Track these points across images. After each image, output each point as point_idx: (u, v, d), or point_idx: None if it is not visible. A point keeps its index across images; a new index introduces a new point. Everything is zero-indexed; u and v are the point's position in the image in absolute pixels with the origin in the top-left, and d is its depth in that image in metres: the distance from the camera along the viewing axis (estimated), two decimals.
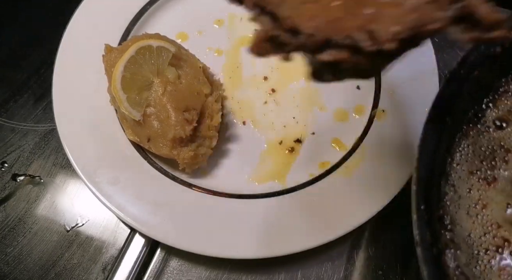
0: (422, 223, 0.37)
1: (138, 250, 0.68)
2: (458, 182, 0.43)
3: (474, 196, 0.42)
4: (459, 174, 0.43)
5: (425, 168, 0.39)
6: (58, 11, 0.88)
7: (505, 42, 0.43)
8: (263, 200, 0.68)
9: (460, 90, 0.43)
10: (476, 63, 0.43)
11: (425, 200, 0.38)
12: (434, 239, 0.37)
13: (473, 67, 0.43)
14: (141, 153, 0.71)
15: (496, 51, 0.44)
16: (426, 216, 0.37)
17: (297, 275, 0.66)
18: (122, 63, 0.67)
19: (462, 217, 0.41)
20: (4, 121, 0.80)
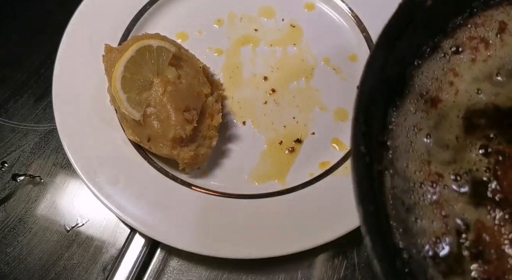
0: (359, 134, 0.36)
1: (138, 250, 0.68)
2: (404, 108, 0.42)
3: (417, 122, 0.41)
4: (407, 99, 0.42)
5: (370, 88, 0.38)
6: (58, 11, 0.88)
7: None
8: (263, 200, 0.68)
9: (413, 18, 0.41)
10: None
11: (366, 114, 0.37)
12: (370, 154, 0.36)
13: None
14: (141, 153, 0.71)
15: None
16: (364, 128, 0.36)
17: (297, 275, 0.66)
18: (122, 63, 0.67)
19: (403, 145, 0.41)
20: (4, 121, 0.80)
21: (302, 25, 0.83)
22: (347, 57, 0.82)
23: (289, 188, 0.69)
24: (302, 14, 0.85)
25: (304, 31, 0.83)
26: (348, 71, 0.80)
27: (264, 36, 0.83)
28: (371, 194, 0.36)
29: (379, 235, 0.35)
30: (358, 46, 0.82)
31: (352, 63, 0.81)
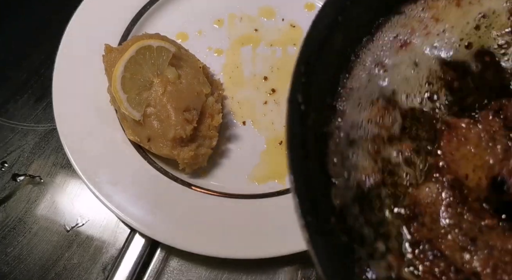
0: (298, 82, 0.34)
1: (138, 250, 0.68)
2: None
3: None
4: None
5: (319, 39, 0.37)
6: (58, 11, 0.88)
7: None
8: (263, 200, 0.68)
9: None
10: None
11: (308, 65, 0.36)
12: (308, 104, 0.34)
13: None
14: (141, 153, 0.71)
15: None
16: (305, 79, 0.34)
17: (297, 275, 0.66)
18: (122, 63, 0.67)
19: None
20: (4, 121, 0.79)
21: (302, 25, 0.83)
22: None
23: (289, 188, 0.69)
24: (302, 14, 0.84)
25: (304, 31, 0.83)
26: None
27: (264, 36, 0.83)
28: (301, 138, 0.34)
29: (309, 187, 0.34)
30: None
31: None
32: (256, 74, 0.80)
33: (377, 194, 0.36)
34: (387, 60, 0.41)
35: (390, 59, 0.41)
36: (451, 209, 0.35)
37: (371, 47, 0.41)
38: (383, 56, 0.41)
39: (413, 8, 0.43)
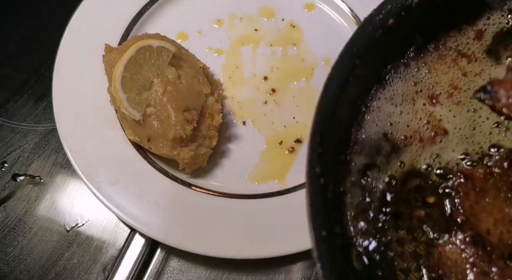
0: (314, 155, 0.35)
1: (138, 250, 0.68)
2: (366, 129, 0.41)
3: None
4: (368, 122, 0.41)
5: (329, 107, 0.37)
6: (58, 11, 0.88)
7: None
8: (263, 200, 0.68)
9: (374, 36, 0.40)
10: (392, 12, 0.40)
11: (322, 134, 0.36)
12: (326, 175, 0.35)
13: (389, 15, 0.40)
14: (141, 153, 0.71)
15: (414, 2, 0.41)
16: (321, 149, 0.36)
17: (297, 275, 0.66)
18: (122, 63, 0.67)
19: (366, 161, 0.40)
20: (4, 121, 0.80)
21: (302, 25, 0.83)
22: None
23: (289, 188, 0.69)
24: (302, 14, 0.85)
25: (304, 31, 0.83)
26: None
27: (264, 36, 0.83)
28: (325, 219, 0.35)
29: (333, 262, 0.34)
30: None
31: None
32: (256, 74, 0.80)
33: (401, 253, 0.36)
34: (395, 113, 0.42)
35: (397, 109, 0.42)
36: (476, 269, 0.34)
37: (381, 96, 0.42)
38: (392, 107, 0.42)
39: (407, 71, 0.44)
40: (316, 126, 0.36)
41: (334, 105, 0.37)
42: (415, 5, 0.41)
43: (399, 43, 0.43)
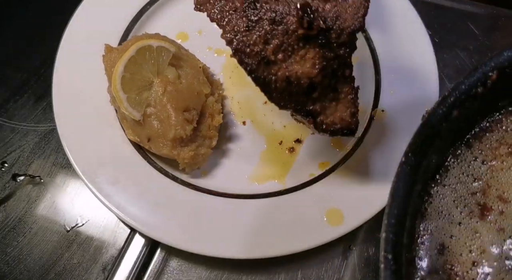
0: (388, 273, 0.37)
1: (138, 250, 0.68)
2: (433, 223, 0.42)
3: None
4: (435, 215, 0.43)
5: (398, 211, 0.38)
6: (58, 11, 0.88)
7: (488, 81, 0.42)
8: (263, 200, 0.68)
9: (438, 131, 0.41)
10: (456, 103, 0.42)
11: (394, 247, 0.38)
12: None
13: (453, 107, 0.42)
14: (141, 153, 0.71)
15: (478, 91, 0.42)
16: (394, 266, 0.37)
17: (297, 275, 0.66)
18: (122, 63, 0.67)
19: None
20: (4, 121, 0.80)
21: None
22: None
23: (289, 188, 0.69)
24: None
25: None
26: None
27: None
28: None
29: None
30: (358, 46, 0.82)
31: (352, 63, 0.81)
32: None
33: None
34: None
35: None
36: None
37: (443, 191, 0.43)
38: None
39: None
40: (387, 242, 0.38)
41: (403, 211, 0.39)
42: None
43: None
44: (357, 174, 0.69)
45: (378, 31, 0.81)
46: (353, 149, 0.72)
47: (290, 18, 0.52)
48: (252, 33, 0.53)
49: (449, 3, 0.90)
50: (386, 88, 0.76)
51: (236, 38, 0.54)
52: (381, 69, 0.78)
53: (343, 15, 0.53)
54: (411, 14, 0.81)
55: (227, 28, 0.55)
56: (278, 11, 0.52)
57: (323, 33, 0.52)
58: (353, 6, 0.53)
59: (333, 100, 0.55)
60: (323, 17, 0.53)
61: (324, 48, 0.52)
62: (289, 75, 0.53)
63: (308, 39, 0.53)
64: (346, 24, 0.53)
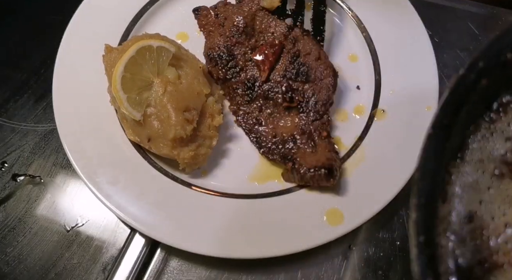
0: (422, 260, 0.34)
1: (138, 250, 0.68)
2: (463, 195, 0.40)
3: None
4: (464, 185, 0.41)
5: (426, 188, 0.37)
6: (58, 11, 0.88)
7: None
8: (263, 200, 0.68)
9: (467, 99, 0.39)
10: (485, 70, 0.39)
11: (425, 229, 0.36)
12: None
13: (482, 75, 0.39)
14: (141, 153, 0.71)
15: (507, 57, 0.40)
16: (428, 250, 0.34)
17: (297, 275, 0.66)
18: (122, 63, 0.67)
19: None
20: (4, 121, 0.80)
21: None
22: (347, 57, 0.82)
23: (289, 188, 0.69)
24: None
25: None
26: (348, 71, 0.80)
27: None
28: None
29: None
30: (358, 46, 0.82)
31: (352, 63, 0.81)
32: None
33: None
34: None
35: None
36: None
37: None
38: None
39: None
40: (418, 221, 0.35)
41: (430, 187, 0.37)
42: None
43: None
44: (357, 174, 0.69)
45: (378, 31, 0.82)
46: (353, 149, 0.72)
47: (277, 95, 0.74)
48: (250, 105, 0.75)
49: (449, 3, 0.90)
50: (386, 88, 0.76)
51: (240, 109, 0.76)
52: (381, 69, 0.78)
53: (318, 92, 0.73)
54: (411, 14, 0.81)
55: (233, 102, 0.76)
56: (270, 90, 0.74)
57: (302, 104, 0.73)
58: (325, 87, 0.73)
59: (312, 152, 0.70)
60: (302, 93, 0.73)
61: (302, 114, 0.73)
62: (276, 133, 0.73)
63: (291, 109, 0.74)
64: (320, 98, 0.73)
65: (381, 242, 0.68)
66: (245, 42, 0.76)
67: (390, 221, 0.70)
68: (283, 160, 0.70)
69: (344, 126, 0.76)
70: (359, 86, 0.79)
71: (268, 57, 0.74)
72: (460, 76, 0.39)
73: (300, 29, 0.76)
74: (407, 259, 0.68)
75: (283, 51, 0.75)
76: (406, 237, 0.69)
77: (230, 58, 0.75)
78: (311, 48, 0.74)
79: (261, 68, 0.74)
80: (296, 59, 0.74)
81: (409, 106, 0.74)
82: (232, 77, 0.75)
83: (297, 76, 0.73)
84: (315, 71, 0.73)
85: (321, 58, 0.74)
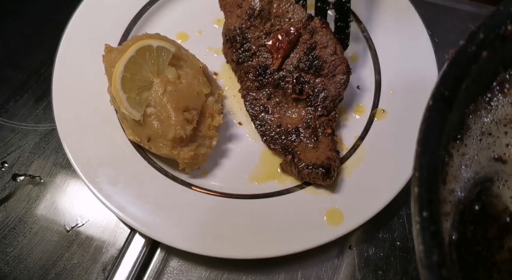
0: (428, 236, 0.32)
1: (138, 250, 0.68)
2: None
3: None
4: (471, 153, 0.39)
5: (428, 164, 0.34)
6: (57, 11, 0.88)
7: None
8: (263, 200, 0.68)
9: (468, 72, 0.37)
10: (485, 43, 0.38)
11: (429, 203, 0.33)
12: (442, 258, 0.31)
13: (482, 47, 0.38)
14: (141, 153, 0.71)
15: (508, 29, 0.38)
16: (433, 227, 0.32)
17: (297, 275, 0.66)
18: (122, 63, 0.67)
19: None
20: (4, 121, 0.80)
21: None
22: (347, 57, 0.82)
23: (289, 188, 0.69)
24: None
25: None
26: None
27: None
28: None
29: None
30: (358, 46, 0.82)
31: (352, 62, 0.81)
32: None
33: None
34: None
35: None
36: None
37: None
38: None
39: None
40: (421, 197, 0.34)
41: (433, 163, 0.35)
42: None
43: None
44: (357, 174, 0.69)
45: (378, 31, 0.82)
46: (353, 149, 0.72)
47: (288, 85, 0.73)
48: (259, 91, 0.75)
49: (449, 3, 0.90)
50: (386, 88, 0.76)
51: (249, 94, 0.76)
52: (381, 69, 0.78)
53: (329, 88, 0.72)
54: (411, 14, 0.81)
55: (243, 86, 0.76)
56: (280, 79, 0.73)
57: (311, 98, 0.72)
58: (337, 83, 0.72)
59: (314, 148, 0.70)
60: (312, 87, 0.72)
61: (310, 107, 0.73)
62: (281, 123, 0.73)
63: (299, 101, 0.73)
64: (330, 94, 0.72)
65: (381, 242, 0.68)
66: (259, 26, 0.74)
67: (390, 221, 0.70)
68: (283, 151, 0.70)
69: (344, 126, 0.76)
70: (359, 86, 0.79)
71: (282, 45, 0.72)
72: (461, 47, 0.38)
73: (320, 21, 0.73)
74: (407, 259, 0.69)
75: (299, 40, 0.72)
76: (406, 237, 0.69)
77: (244, 41, 0.74)
78: (328, 42, 0.72)
79: (274, 56, 0.73)
80: (311, 51, 0.72)
81: (409, 106, 0.74)
82: (244, 61, 0.75)
83: (310, 69, 0.72)
84: (328, 66, 0.71)
85: (336, 53, 0.72)
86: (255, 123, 0.74)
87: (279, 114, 0.74)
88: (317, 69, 0.72)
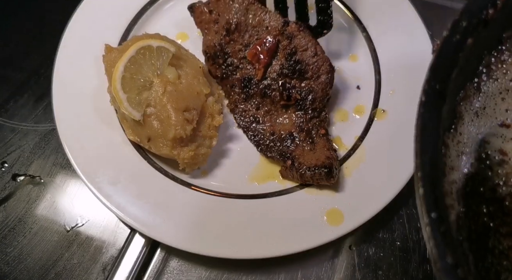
0: (439, 237, 0.31)
1: (138, 250, 0.68)
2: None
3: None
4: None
5: (429, 162, 0.34)
6: (58, 11, 0.88)
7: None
8: (263, 200, 0.68)
9: (456, 61, 0.38)
10: (468, 30, 0.38)
11: (436, 203, 0.33)
12: (456, 259, 0.31)
13: (466, 34, 0.38)
14: (141, 153, 0.71)
15: (489, 13, 0.39)
16: (443, 227, 0.31)
17: (297, 275, 0.66)
18: (122, 63, 0.67)
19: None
20: (4, 121, 0.80)
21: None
22: (347, 57, 0.82)
23: (289, 188, 0.69)
24: None
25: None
26: (348, 71, 0.80)
27: None
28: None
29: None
30: (358, 46, 0.82)
31: (352, 63, 0.81)
32: None
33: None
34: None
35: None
36: None
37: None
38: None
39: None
40: (427, 194, 0.33)
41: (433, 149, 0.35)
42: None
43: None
44: (357, 174, 0.69)
45: (378, 31, 0.82)
46: (353, 149, 0.72)
47: (275, 93, 0.73)
48: (247, 103, 0.75)
49: (449, 3, 0.90)
50: (386, 88, 0.76)
51: (237, 107, 0.76)
52: (381, 69, 0.78)
53: (315, 89, 0.72)
54: (411, 14, 0.81)
55: (231, 100, 0.76)
56: (266, 88, 0.74)
57: (299, 102, 0.73)
58: (322, 83, 0.72)
59: (311, 150, 0.70)
60: (299, 91, 0.72)
61: (300, 111, 0.73)
62: (273, 131, 0.73)
63: (288, 107, 0.74)
64: (318, 95, 0.72)
65: (381, 242, 0.68)
66: (238, 39, 0.74)
67: (390, 221, 0.70)
68: (281, 157, 0.71)
69: (344, 126, 0.76)
70: (359, 86, 0.79)
71: (262, 55, 0.72)
72: (445, 37, 0.38)
73: (296, 24, 0.72)
74: (407, 259, 0.68)
75: (278, 47, 0.73)
76: (406, 237, 0.69)
77: (226, 56, 0.75)
78: (307, 44, 0.72)
79: (256, 67, 0.74)
80: (293, 56, 0.72)
81: (409, 106, 0.73)
82: (228, 75, 0.75)
83: (294, 73, 0.72)
84: (312, 68, 0.72)
85: (317, 53, 0.72)
86: (248, 135, 0.74)
87: (270, 122, 0.74)
88: (301, 73, 0.72)
